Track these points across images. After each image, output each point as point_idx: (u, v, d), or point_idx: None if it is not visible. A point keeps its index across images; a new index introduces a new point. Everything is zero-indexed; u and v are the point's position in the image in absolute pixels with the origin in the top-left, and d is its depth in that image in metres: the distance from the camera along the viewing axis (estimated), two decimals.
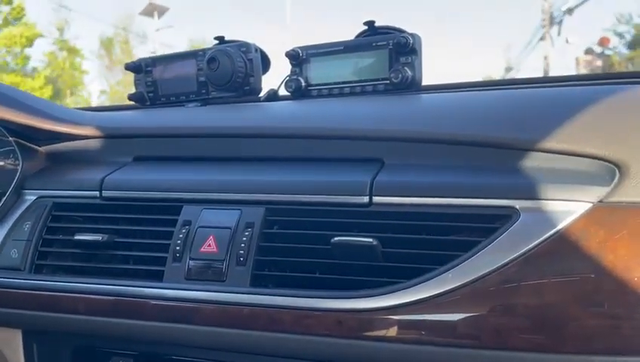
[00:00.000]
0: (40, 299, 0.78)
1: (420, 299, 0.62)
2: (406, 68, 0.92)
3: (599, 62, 15.57)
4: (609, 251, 0.58)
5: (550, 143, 0.65)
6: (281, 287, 0.68)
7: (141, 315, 0.73)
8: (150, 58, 1.12)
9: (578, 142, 0.64)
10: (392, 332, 0.63)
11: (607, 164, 0.62)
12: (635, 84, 0.79)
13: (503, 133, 0.68)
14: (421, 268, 0.63)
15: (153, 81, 1.11)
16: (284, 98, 1.09)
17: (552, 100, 0.74)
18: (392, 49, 0.93)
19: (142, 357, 0.79)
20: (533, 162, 0.66)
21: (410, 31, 0.94)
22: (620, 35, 16.53)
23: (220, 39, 1.12)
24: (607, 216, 0.59)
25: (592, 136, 0.65)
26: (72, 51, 19.72)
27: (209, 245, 0.72)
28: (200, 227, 0.73)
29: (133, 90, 1.14)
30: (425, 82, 0.96)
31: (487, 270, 0.60)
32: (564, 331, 0.58)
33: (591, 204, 0.60)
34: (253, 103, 1.02)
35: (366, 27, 1.04)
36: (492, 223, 0.63)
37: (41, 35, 16.66)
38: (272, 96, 1.11)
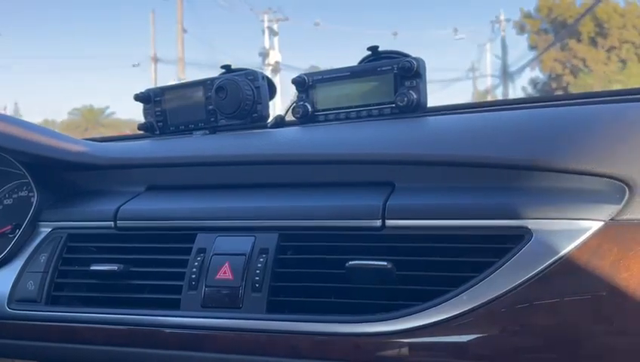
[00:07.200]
0: (57, 331, 0.78)
1: (435, 322, 0.62)
2: (411, 91, 0.93)
3: None
4: (623, 269, 0.58)
5: (560, 163, 0.66)
6: (298, 313, 0.69)
7: (158, 344, 0.73)
8: (159, 88, 1.14)
9: (588, 161, 0.65)
10: (409, 354, 0.63)
11: (616, 182, 0.63)
12: None
13: (512, 154, 0.69)
14: (436, 291, 0.64)
15: (162, 110, 1.12)
16: (290, 124, 1.10)
17: (561, 120, 0.75)
18: (396, 73, 0.95)
19: None
20: (543, 182, 0.67)
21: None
22: None
23: (227, 68, 1.14)
24: (620, 234, 0.60)
25: (602, 155, 0.65)
26: None
27: (224, 272, 0.72)
28: (215, 254, 0.74)
29: None
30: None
31: (502, 291, 0.61)
32: (580, 350, 0.59)
33: (603, 222, 0.60)
34: (261, 130, 1.04)
35: (370, 52, 1.06)
36: (505, 244, 0.63)
37: None
38: (280, 122, 1.12)
